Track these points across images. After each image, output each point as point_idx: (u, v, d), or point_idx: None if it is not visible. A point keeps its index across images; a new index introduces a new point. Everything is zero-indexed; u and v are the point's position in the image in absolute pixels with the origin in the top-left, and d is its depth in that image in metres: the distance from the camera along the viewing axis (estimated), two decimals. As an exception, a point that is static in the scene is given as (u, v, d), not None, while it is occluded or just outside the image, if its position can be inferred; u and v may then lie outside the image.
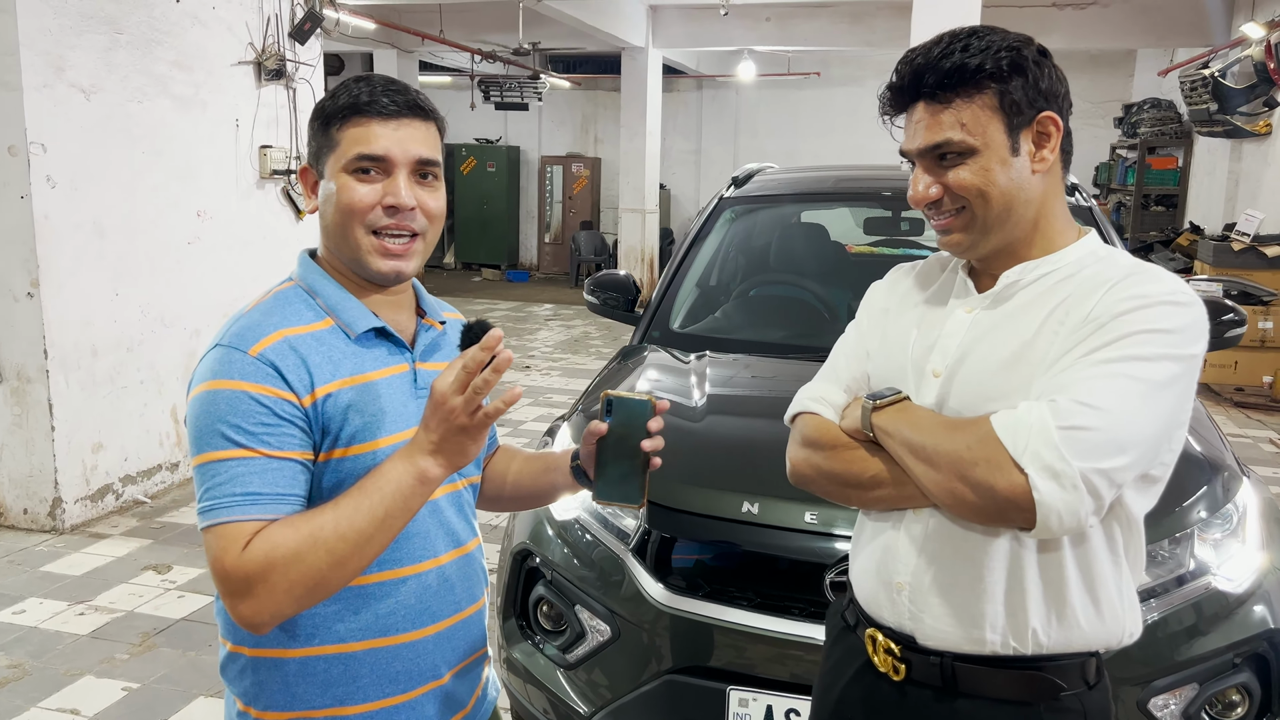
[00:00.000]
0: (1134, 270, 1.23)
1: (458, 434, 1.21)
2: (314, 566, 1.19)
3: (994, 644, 1.26)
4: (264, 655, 1.32)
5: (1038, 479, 1.11)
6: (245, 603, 1.19)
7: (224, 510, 1.20)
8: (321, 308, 1.34)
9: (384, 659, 1.33)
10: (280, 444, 1.23)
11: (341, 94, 1.34)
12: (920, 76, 1.26)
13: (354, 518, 1.21)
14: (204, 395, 1.24)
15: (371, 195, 1.29)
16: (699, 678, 2.07)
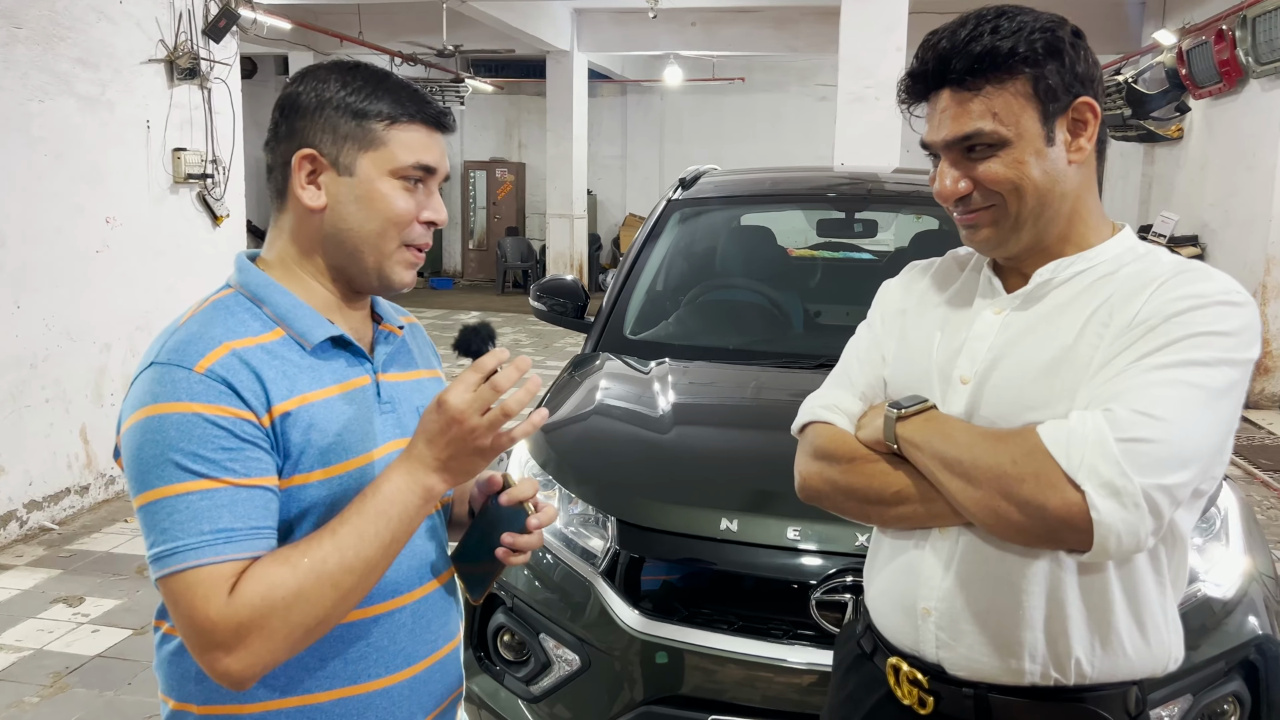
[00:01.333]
0: (1182, 268, 1.14)
1: (472, 455, 1.11)
2: (319, 605, 1.05)
3: (1033, 674, 1.16)
4: (216, 713, 1.15)
5: (1096, 497, 1.01)
6: (234, 656, 1.03)
7: (192, 552, 1.03)
8: (270, 317, 1.17)
9: (354, 710, 1.17)
10: (247, 470, 1.07)
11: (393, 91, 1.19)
12: (946, 62, 1.15)
13: (360, 546, 1.07)
14: (146, 422, 1.06)
15: (415, 208, 1.19)
16: (676, 707, 1.94)
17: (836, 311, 3.27)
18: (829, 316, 3.25)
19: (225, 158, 5.77)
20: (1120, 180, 10.87)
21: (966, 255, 1.36)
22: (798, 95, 14.89)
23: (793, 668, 1.89)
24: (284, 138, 1.19)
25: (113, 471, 5.07)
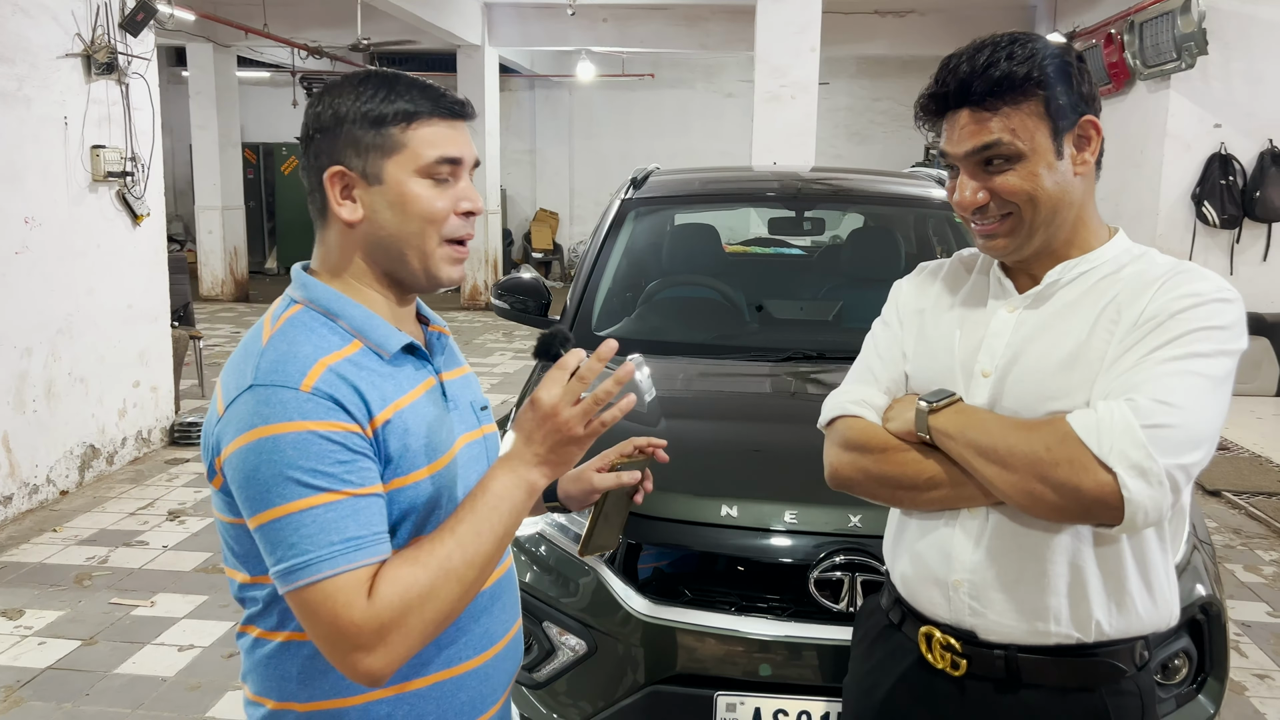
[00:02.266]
0: (1178, 268, 1.29)
1: (568, 445, 1.18)
2: (448, 599, 1.12)
3: (1058, 635, 1.30)
4: (319, 709, 1.21)
5: (1127, 477, 1.15)
6: (375, 654, 1.08)
7: (327, 563, 1.08)
8: (347, 330, 1.21)
9: (449, 691, 1.25)
10: (362, 480, 1.12)
11: (400, 93, 1.22)
12: (967, 85, 1.28)
13: (479, 542, 1.14)
14: (260, 443, 1.09)
15: (449, 202, 1.22)
16: (684, 686, 2.04)
17: (788, 306, 3.42)
18: (781, 310, 3.40)
19: (145, 155, 5.62)
20: (1015, 175, 11.37)
21: (972, 257, 1.50)
22: (705, 92, 15.11)
23: (793, 643, 2.01)
24: (314, 159, 1.23)
25: (36, 480, 4.90)
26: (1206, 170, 7.48)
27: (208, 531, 4.63)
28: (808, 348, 2.91)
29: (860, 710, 1.50)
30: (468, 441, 1.29)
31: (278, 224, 15.61)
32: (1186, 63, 7.19)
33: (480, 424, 1.35)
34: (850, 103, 14.86)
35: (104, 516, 4.83)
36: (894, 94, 14.80)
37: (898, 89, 14.76)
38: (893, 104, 14.85)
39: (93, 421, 5.33)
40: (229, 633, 3.62)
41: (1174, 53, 7.27)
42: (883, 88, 14.85)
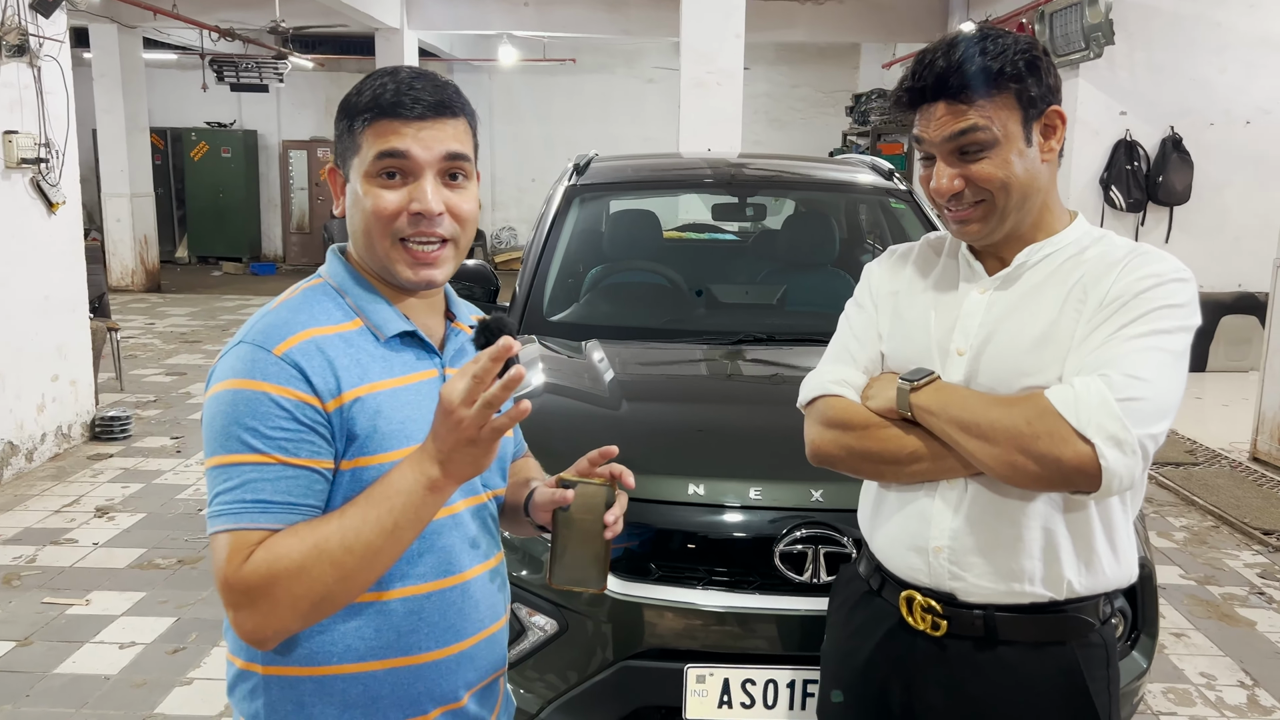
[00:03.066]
0: (1136, 250, 1.38)
1: (467, 446, 1.13)
2: (319, 580, 1.13)
3: (1033, 594, 1.39)
4: (278, 674, 1.24)
5: (1104, 448, 1.23)
6: (246, 615, 1.13)
7: (231, 517, 1.14)
8: (351, 308, 1.26)
9: (405, 679, 1.26)
10: (298, 451, 1.16)
11: (366, 90, 1.25)
12: (944, 78, 1.35)
13: (361, 529, 1.14)
14: (223, 394, 1.17)
15: (397, 201, 1.22)
16: (654, 660, 2.10)
17: (734, 290, 3.50)
18: (728, 295, 3.47)
19: (59, 141, 5.42)
20: (931, 161, 11.67)
21: (939, 241, 1.57)
22: (625, 78, 15.12)
23: (759, 614, 2.09)
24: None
25: (-47, 479, 4.72)
26: (1113, 156, 7.79)
27: (139, 527, 4.53)
28: (757, 331, 2.98)
29: (841, 673, 1.57)
30: None
31: (188, 212, 15.16)
32: (1094, 52, 7.48)
33: None
34: (770, 89, 15.04)
35: (27, 515, 4.68)
36: (812, 80, 15.03)
37: (816, 75, 15.00)
38: (811, 90, 15.08)
39: (10, 418, 5.14)
40: (172, 628, 3.56)
41: (1082, 42, 7.55)
42: (802, 74, 15.06)
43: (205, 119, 15.08)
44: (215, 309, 11.15)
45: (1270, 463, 5.48)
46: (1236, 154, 7.77)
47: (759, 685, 2.08)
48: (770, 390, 2.64)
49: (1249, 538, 4.56)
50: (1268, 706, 3.15)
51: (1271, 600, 3.93)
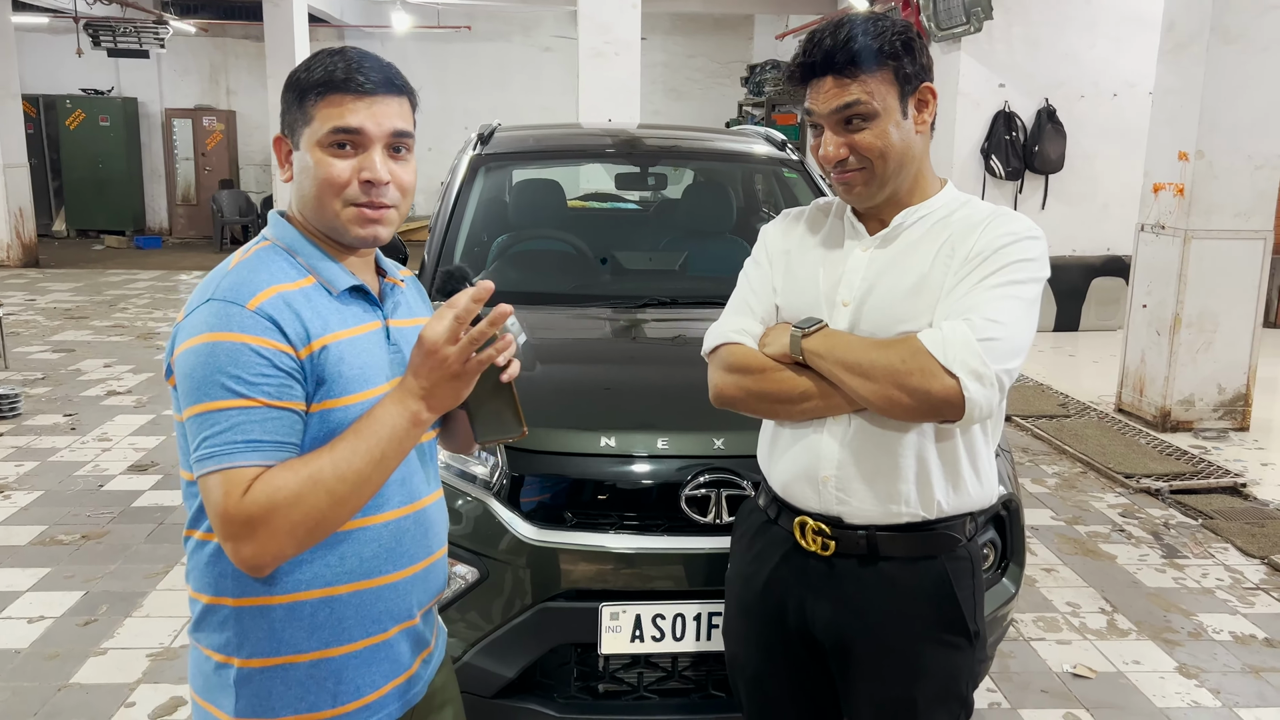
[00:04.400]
0: (995, 212, 1.57)
1: (450, 381, 1.30)
2: (315, 507, 1.25)
3: (908, 515, 1.57)
4: (248, 604, 1.34)
5: (967, 381, 1.42)
6: (247, 544, 1.24)
7: (225, 456, 1.24)
8: (303, 266, 1.38)
9: (367, 600, 1.38)
10: (279, 394, 1.27)
11: (316, 68, 1.36)
12: (831, 55, 1.50)
13: (352, 460, 1.27)
14: (203, 346, 1.26)
15: (348, 170, 1.34)
16: (571, 601, 2.24)
17: (638, 257, 3.64)
18: (631, 262, 3.61)
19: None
20: (823, 131, 11.99)
21: (827, 204, 1.74)
22: (522, 46, 15.05)
23: (667, 554, 2.24)
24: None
25: None
26: (993, 127, 8.19)
27: (37, 505, 4.46)
28: (661, 295, 3.13)
29: (743, 595, 1.74)
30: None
31: (65, 183, 14.55)
32: (974, 26, 7.82)
33: None
34: (666, 59, 15.17)
35: (-84, 495, 4.55)
36: (708, 51, 15.21)
37: (711, 46, 15.19)
38: (707, 60, 15.27)
39: (-109, 396, 4.96)
40: (81, 602, 3.55)
41: (963, 17, 7.89)
42: (697, 44, 15.22)
43: (81, 86, 14.44)
44: (100, 284, 10.77)
45: (1132, 413, 5.92)
46: (1105, 125, 8.25)
47: (668, 619, 2.25)
48: (674, 350, 2.80)
49: (1112, 481, 4.95)
50: (1125, 629, 3.48)
51: (1130, 536, 4.30)
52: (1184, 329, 5.57)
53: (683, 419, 2.34)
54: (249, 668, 1.35)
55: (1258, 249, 5.55)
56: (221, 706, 1.37)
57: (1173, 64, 5.60)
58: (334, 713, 1.38)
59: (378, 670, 1.42)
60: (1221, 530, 4.32)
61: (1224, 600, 3.71)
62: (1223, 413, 5.69)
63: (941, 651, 1.59)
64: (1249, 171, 5.46)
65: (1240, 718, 2.95)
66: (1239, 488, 4.79)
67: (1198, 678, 3.17)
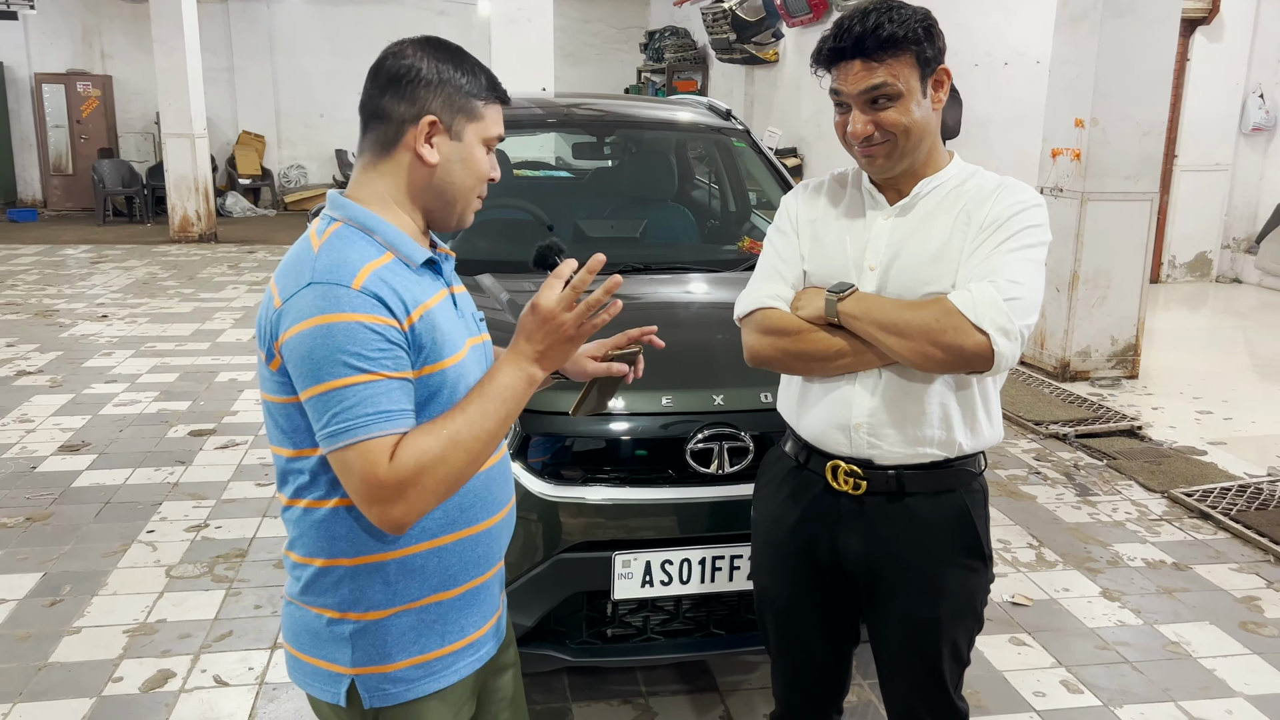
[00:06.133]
0: (1003, 182, 1.75)
1: (564, 344, 1.43)
2: (456, 465, 1.36)
3: (932, 455, 1.76)
4: (364, 562, 1.45)
5: (996, 336, 1.60)
6: (398, 505, 1.33)
7: (362, 429, 1.31)
8: (381, 243, 1.44)
9: (469, 546, 1.51)
10: (396, 366, 1.36)
11: (481, 72, 1.47)
12: (861, 41, 1.65)
13: (484, 421, 1.39)
14: (318, 329, 1.32)
15: (490, 167, 1.51)
16: (585, 551, 2.38)
17: (600, 225, 3.75)
18: (595, 229, 3.71)
19: None
20: (725, 98, 12.21)
21: (843, 175, 1.90)
22: (416, 9, 14.75)
23: (674, 504, 2.40)
24: (405, 100, 1.44)
25: None
26: (894, 95, 8.51)
27: (-30, 489, 4.32)
28: (633, 262, 3.26)
29: (774, 535, 1.91)
30: (474, 344, 1.54)
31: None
32: None
33: (480, 331, 1.60)
34: (564, 24, 15.05)
35: None
36: (604, 16, 15.21)
37: (608, 11, 15.19)
38: (604, 26, 15.27)
39: None
40: (42, 583, 3.50)
41: None
42: (593, 10, 15.20)
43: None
44: (-21, 260, 10.22)
45: (1035, 365, 6.34)
46: (997, 93, 8.68)
47: (675, 565, 2.41)
48: (666, 314, 2.93)
49: (1024, 429, 5.33)
50: (1052, 561, 3.81)
51: (1045, 478, 4.66)
52: (1081, 285, 6.00)
53: (684, 378, 2.49)
54: (365, 620, 1.45)
55: (1145, 210, 6.00)
56: (336, 660, 1.47)
57: (1069, 36, 5.97)
58: (443, 651, 1.50)
59: (478, 611, 1.55)
60: (1125, 469, 4.73)
61: (1134, 531, 4.09)
62: (1115, 362, 6.15)
63: (961, 574, 1.79)
64: (1137, 138, 5.88)
65: (1160, 632, 3.30)
66: (1135, 430, 5.23)
67: (1120, 600, 3.51)
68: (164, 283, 9.16)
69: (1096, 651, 3.18)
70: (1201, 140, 8.78)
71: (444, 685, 1.50)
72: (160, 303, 8.28)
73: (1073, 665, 3.09)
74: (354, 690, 1.46)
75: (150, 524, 4.00)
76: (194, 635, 3.18)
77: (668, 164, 4.19)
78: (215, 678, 2.96)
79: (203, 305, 8.22)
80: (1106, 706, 2.89)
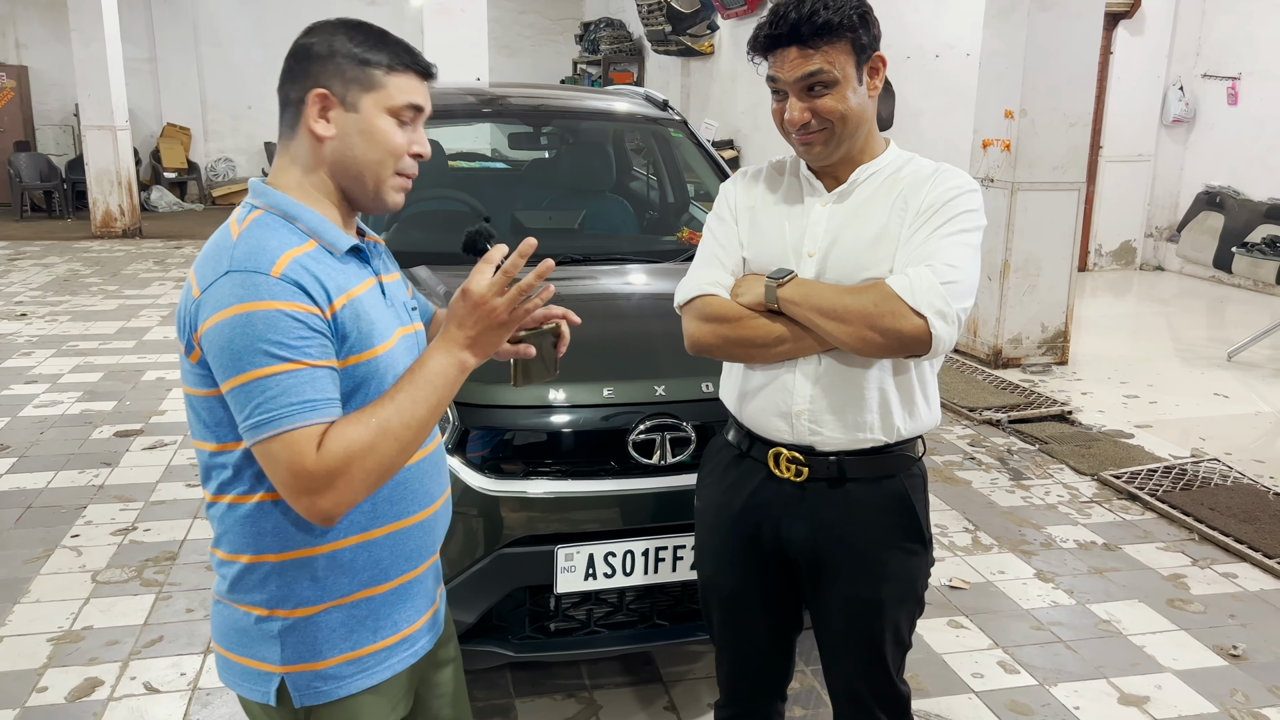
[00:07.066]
0: (939, 168, 1.76)
1: (495, 329, 1.41)
2: (386, 454, 1.33)
3: (872, 440, 1.77)
4: (291, 557, 1.41)
5: (934, 320, 1.61)
6: (326, 496, 1.30)
7: (287, 419, 1.28)
8: (304, 231, 1.41)
9: (400, 540, 1.48)
10: (320, 354, 1.32)
11: (392, 45, 1.42)
12: (797, 28, 1.65)
13: (414, 408, 1.36)
14: (237, 318, 1.29)
15: (406, 141, 1.43)
16: (527, 546, 2.35)
17: (538, 216, 3.71)
18: (533, 221, 3.67)
19: None
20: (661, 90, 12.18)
21: (781, 163, 1.90)
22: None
23: (616, 496, 2.38)
24: (298, 79, 1.42)
25: None
26: (828, 87, 8.58)
27: (-119, 495, 4.14)
28: (572, 253, 3.23)
29: (718, 523, 1.90)
30: (403, 334, 1.51)
31: None
32: None
33: (412, 320, 1.56)
34: (499, 15, 14.91)
35: None
36: (539, 8, 15.10)
37: (542, 3, 15.08)
38: (538, 17, 15.15)
39: None
40: (-39, 591, 3.36)
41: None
42: (528, 1, 15.08)
43: None
44: (-111, 257, 9.80)
45: (968, 352, 6.45)
46: (928, 84, 8.81)
47: (619, 557, 2.39)
48: (606, 305, 2.91)
49: (958, 415, 5.42)
50: (987, 544, 3.88)
51: (980, 463, 4.75)
52: (1012, 274, 6.11)
53: (625, 369, 2.47)
54: (294, 617, 1.42)
55: (1072, 199, 6.13)
56: (266, 658, 1.43)
57: (998, 28, 6.07)
58: (376, 647, 1.47)
59: (412, 605, 1.51)
60: (1056, 453, 4.83)
61: (1065, 514, 4.18)
62: (1046, 349, 6.29)
63: (902, 557, 1.81)
64: (1065, 129, 6.01)
65: (1092, 611, 3.38)
66: (1066, 415, 5.35)
67: (1053, 581, 3.59)
68: (86, 280, 8.88)
69: (1031, 632, 3.24)
70: (1125, 131, 9.01)
71: (377, 681, 1.47)
72: (83, 300, 8.02)
73: (1009, 646, 3.15)
74: (284, 689, 1.42)
75: (75, 528, 3.87)
76: (123, 641, 3.09)
77: (606, 155, 4.17)
78: (145, 685, 2.87)
79: (127, 302, 7.98)
80: (1042, 685, 2.94)
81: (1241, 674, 3.02)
